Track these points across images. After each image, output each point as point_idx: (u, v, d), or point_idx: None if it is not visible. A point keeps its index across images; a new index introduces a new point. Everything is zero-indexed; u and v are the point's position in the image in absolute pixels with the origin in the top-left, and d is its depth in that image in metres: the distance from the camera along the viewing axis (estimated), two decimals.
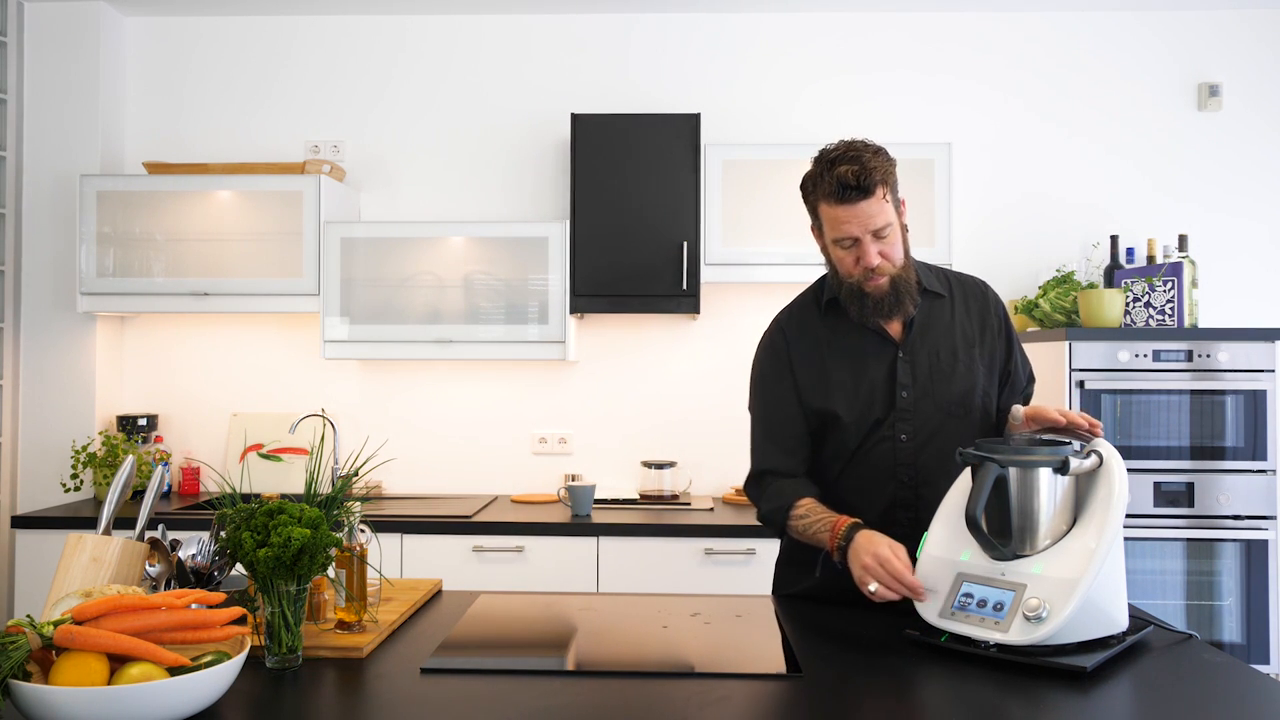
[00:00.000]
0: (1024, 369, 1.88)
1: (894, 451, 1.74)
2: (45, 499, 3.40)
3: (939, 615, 1.50)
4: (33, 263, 3.45)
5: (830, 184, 1.66)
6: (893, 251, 1.70)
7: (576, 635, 1.64)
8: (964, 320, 1.80)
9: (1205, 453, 2.91)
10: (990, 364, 1.80)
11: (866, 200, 1.65)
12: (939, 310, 1.80)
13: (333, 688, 1.36)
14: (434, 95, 3.61)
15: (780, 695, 1.32)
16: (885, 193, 1.66)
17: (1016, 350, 1.85)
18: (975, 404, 1.76)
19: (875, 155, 1.67)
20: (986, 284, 1.88)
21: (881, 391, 1.74)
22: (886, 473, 1.75)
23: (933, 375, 1.74)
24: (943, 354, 1.76)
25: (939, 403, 1.74)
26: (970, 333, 1.79)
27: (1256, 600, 2.89)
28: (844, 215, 1.67)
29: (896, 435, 1.74)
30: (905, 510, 1.74)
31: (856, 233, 1.67)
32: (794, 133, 3.52)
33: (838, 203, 1.67)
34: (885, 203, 1.67)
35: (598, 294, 3.21)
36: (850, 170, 1.64)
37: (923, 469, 1.73)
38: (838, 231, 1.70)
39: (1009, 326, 1.85)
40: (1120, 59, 3.53)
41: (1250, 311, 3.46)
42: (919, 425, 1.74)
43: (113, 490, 1.60)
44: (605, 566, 2.92)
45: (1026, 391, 1.88)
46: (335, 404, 3.56)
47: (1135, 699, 1.33)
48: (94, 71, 3.45)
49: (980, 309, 1.83)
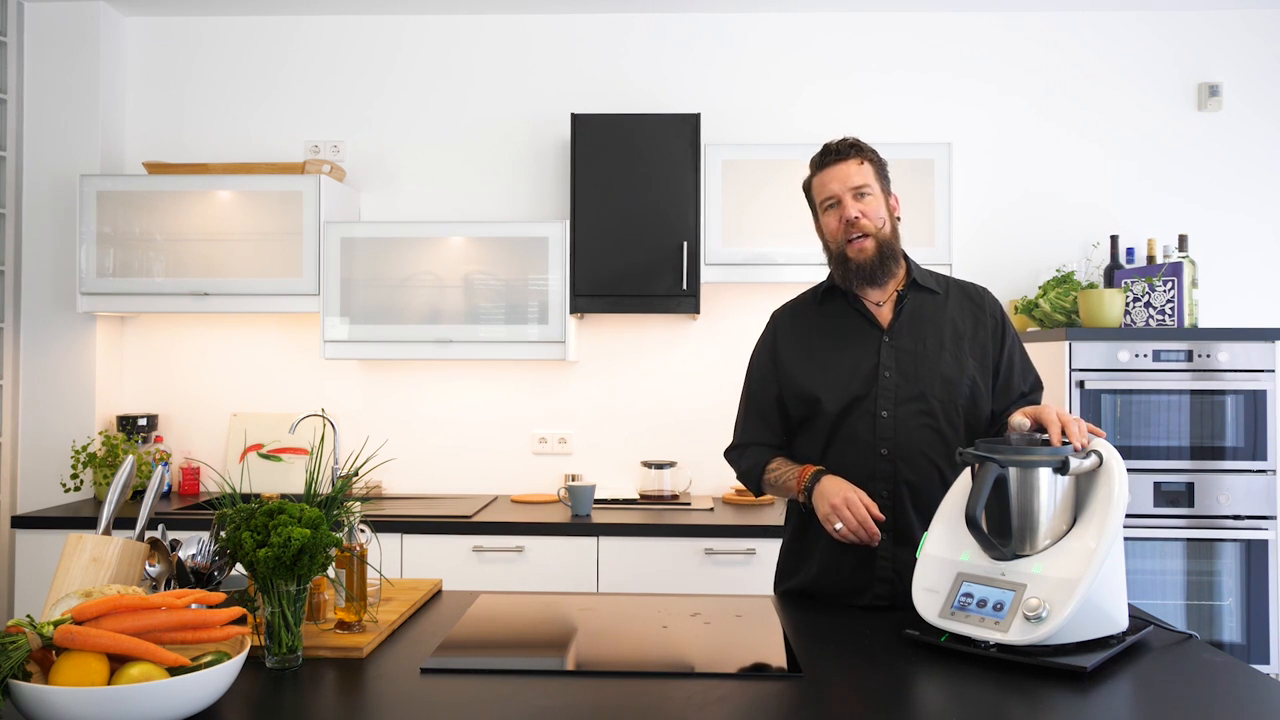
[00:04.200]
0: (1023, 372, 1.88)
1: (874, 427, 1.80)
2: (45, 499, 3.40)
3: (939, 615, 1.50)
4: (33, 263, 3.45)
5: (817, 156, 1.87)
6: (872, 211, 1.82)
7: (576, 635, 1.64)
8: (956, 316, 1.86)
9: (1205, 453, 2.91)
10: (982, 359, 1.84)
11: (844, 161, 1.82)
12: (932, 305, 1.87)
13: (333, 688, 1.36)
14: (434, 95, 3.61)
15: (780, 695, 1.32)
16: (865, 162, 1.83)
17: (1011, 350, 1.87)
18: (961, 390, 1.80)
19: (866, 144, 1.87)
20: (987, 290, 1.94)
21: (864, 370, 1.82)
22: (868, 446, 1.80)
23: (917, 360, 1.81)
24: (929, 342, 1.83)
25: (921, 385, 1.80)
26: (962, 328, 1.85)
27: (1256, 600, 2.89)
28: (826, 177, 1.84)
29: (877, 411, 1.80)
30: (885, 483, 1.80)
31: (837, 190, 1.82)
32: (794, 133, 3.52)
33: (820, 168, 1.85)
34: (863, 168, 1.82)
35: (598, 294, 3.22)
36: (835, 142, 1.85)
37: (901, 445, 1.79)
38: (822, 193, 1.85)
39: (1006, 327, 1.88)
40: (1120, 59, 3.53)
41: (1250, 311, 3.46)
42: (899, 403, 1.79)
43: (113, 490, 1.60)
44: (605, 566, 2.92)
45: (1032, 397, 1.89)
46: (335, 404, 3.56)
47: (1135, 699, 1.33)
48: (94, 71, 3.45)
49: (974, 307, 1.88)
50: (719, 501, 3.36)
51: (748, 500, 3.30)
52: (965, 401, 1.80)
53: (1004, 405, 1.85)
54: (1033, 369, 1.92)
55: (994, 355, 1.85)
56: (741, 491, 3.36)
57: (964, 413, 1.81)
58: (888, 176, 1.88)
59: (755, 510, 3.16)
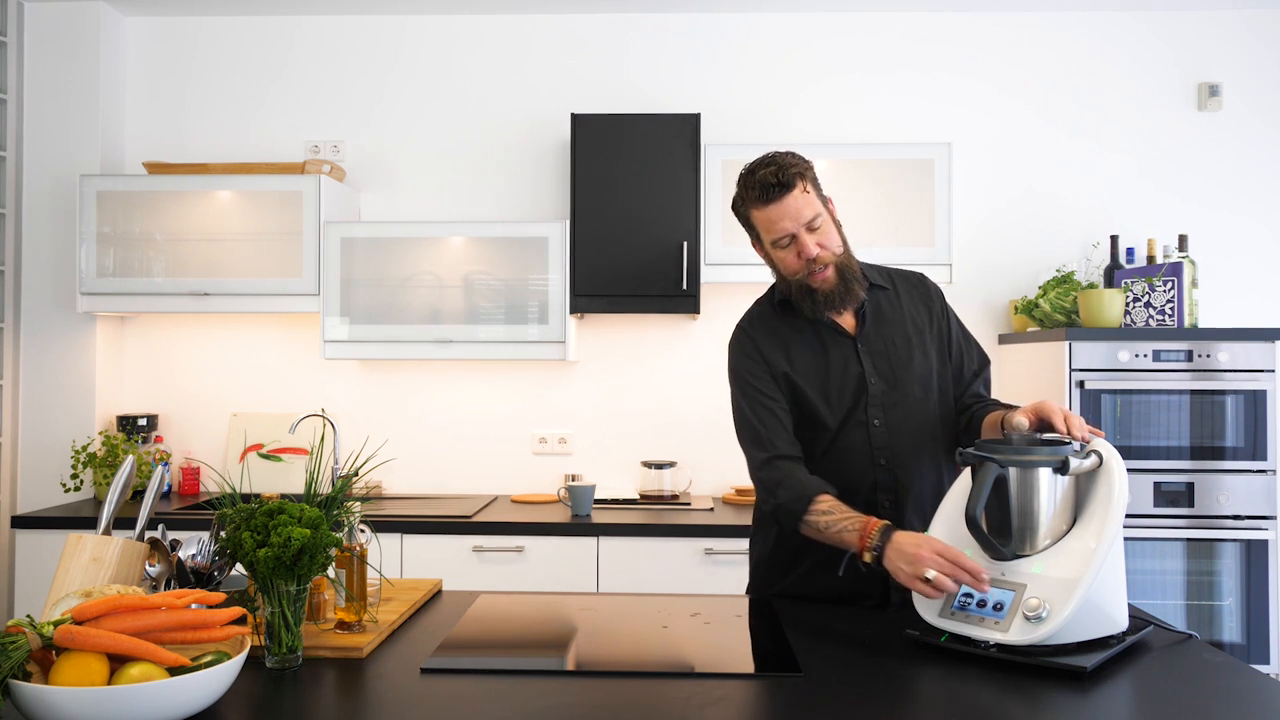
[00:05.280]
0: (970, 351, 1.91)
1: (869, 437, 1.79)
2: (45, 499, 3.40)
3: (939, 615, 1.50)
4: (33, 263, 3.45)
5: (754, 189, 1.75)
6: (829, 241, 1.76)
7: (576, 635, 1.64)
8: (911, 309, 1.87)
9: (1205, 453, 2.91)
10: (941, 348, 1.86)
11: (790, 194, 1.72)
12: (887, 301, 1.87)
13: (333, 688, 1.36)
14: (434, 95, 3.61)
15: (780, 695, 1.32)
16: (806, 185, 1.74)
17: (958, 332, 1.90)
18: (934, 386, 1.83)
19: (789, 156, 1.77)
20: (924, 274, 1.95)
21: (851, 380, 1.80)
22: (865, 458, 1.79)
23: (893, 362, 1.81)
24: (898, 341, 1.83)
25: (904, 388, 1.80)
26: (919, 320, 1.86)
27: (1256, 600, 2.89)
28: (774, 214, 1.74)
29: (870, 420, 1.79)
30: (886, 493, 1.78)
31: (790, 228, 1.74)
32: (794, 133, 3.52)
33: (765, 203, 1.75)
34: (809, 194, 1.74)
35: (598, 294, 3.22)
36: (769, 172, 1.73)
37: (898, 452, 1.79)
38: (773, 232, 1.77)
39: (948, 310, 1.91)
40: (1120, 59, 3.53)
41: (1250, 311, 3.46)
42: (889, 409, 1.79)
43: (113, 490, 1.60)
44: (605, 566, 2.92)
45: (983, 375, 1.91)
46: (335, 404, 3.56)
47: (1135, 699, 1.33)
48: (94, 71, 3.45)
49: (923, 297, 1.90)
50: (719, 501, 3.36)
51: (748, 500, 3.30)
52: (938, 394, 1.82)
53: (961, 389, 1.87)
54: (974, 342, 1.93)
55: (946, 341, 1.87)
56: (742, 491, 3.36)
57: (938, 407, 1.82)
58: (818, 179, 1.79)
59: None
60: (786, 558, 1.87)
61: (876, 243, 3.08)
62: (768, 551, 1.92)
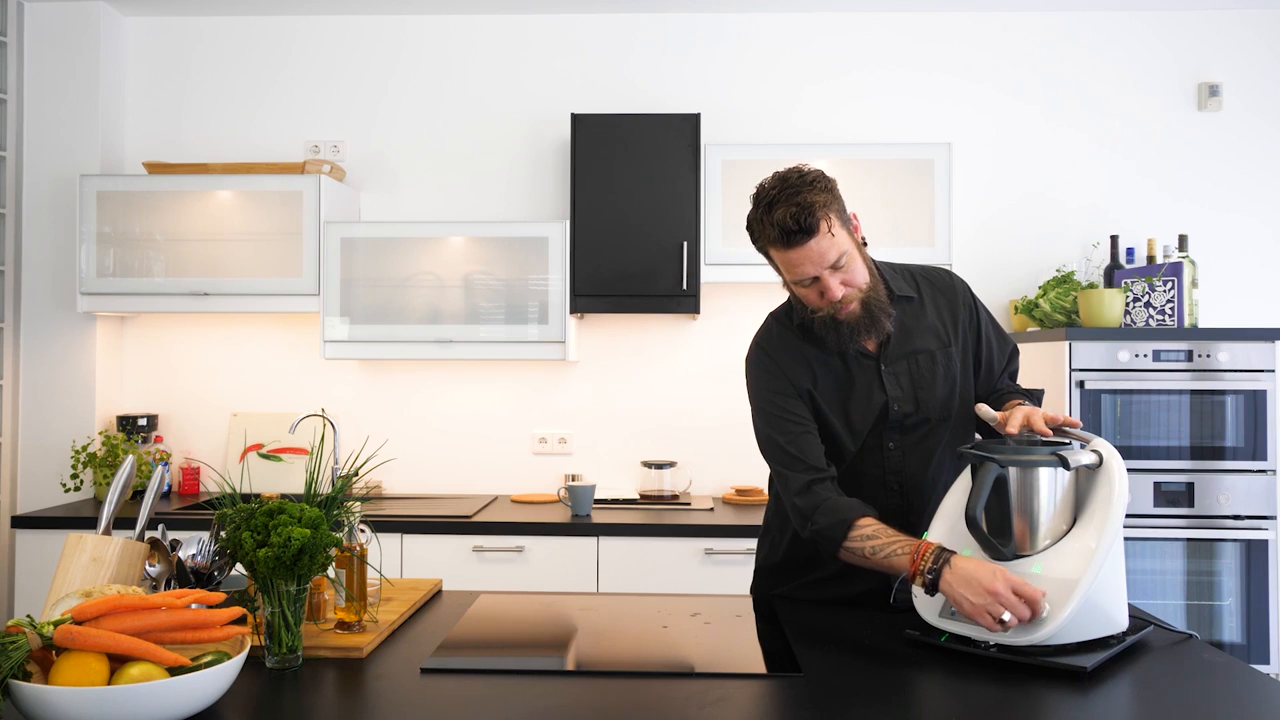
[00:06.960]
0: (1000, 347, 1.85)
1: (882, 460, 1.75)
2: (45, 499, 3.40)
3: (939, 615, 1.51)
4: (33, 263, 3.45)
5: (773, 230, 1.61)
6: (855, 278, 1.65)
7: (576, 635, 1.64)
8: (935, 319, 1.78)
9: (1205, 453, 2.91)
10: (965, 355, 1.79)
11: (814, 239, 1.58)
12: (911, 315, 1.77)
13: (333, 688, 1.36)
14: (434, 95, 3.61)
15: (780, 695, 1.32)
16: (830, 225, 1.60)
17: (987, 331, 1.82)
18: (956, 403, 1.76)
19: (812, 187, 1.60)
20: (952, 273, 1.86)
21: (875, 407, 1.73)
22: (876, 481, 1.76)
23: (915, 384, 1.74)
24: (921, 360, 1.75)
25: (924, 410, 1.74)
26: (943, 331, 1.78)
27: (1256, 600, 2.89)
28: (796, 258, 1.61)
29: (884, 444, 1.75)
30: (896, 519, 1.71)
31: (813, 272, 1.62)
32: (794, 133, 3.52)
33: (785, 248, 1.61)
34: (834, 235, 1.60)
35: (598, 294, 3.21)
36: (789, 213, 1.57)
37: (910, 475, 1.75)
38: (794, 274, 1.65)
39: (978, 309, 1.83)
40: (1120, 59, 3.53)
41: (1250, 311, 3.46)
42: (906, 432, 1.75)
43: (113, 490, 1.60)
44: (605, 566, 2.92)
45: (1010, 368, 1.87)
46: (335, 404, 3.56)
47: (1135, 699, 1.33)
48: (94, 71, 3.45)
49: (950, 302, 1.80)
50: (719, 501, 3.36)
51: (748, 500, 3.30)
52: (959, 411, 1.77)
53: (990, 386, 1.82)
54: (1005, 336, 1.87)
55: (976, 342, 1.81)
56: (742, 491, 3.36)
57: (959, 424, 1.77)
58: (843, 203, 1.66)
59: (755, 510, 3.16)
60: (797, 568, 1.86)
61: (876, 243, 3.02)
62: (777, 560, 1.90)
